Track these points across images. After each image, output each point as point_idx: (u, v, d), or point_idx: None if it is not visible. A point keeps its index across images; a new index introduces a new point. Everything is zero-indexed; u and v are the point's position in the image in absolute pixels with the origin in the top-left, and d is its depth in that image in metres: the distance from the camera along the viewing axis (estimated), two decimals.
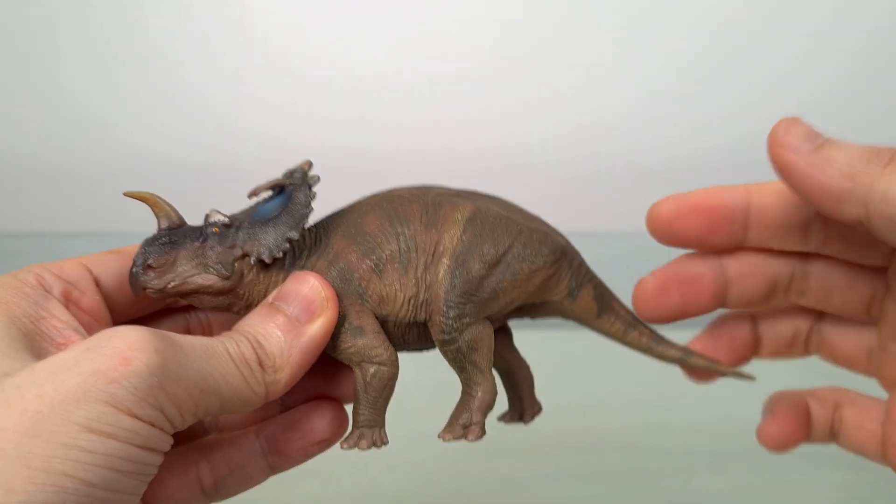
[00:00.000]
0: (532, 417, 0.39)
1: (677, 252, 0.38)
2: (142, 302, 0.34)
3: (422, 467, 0.56)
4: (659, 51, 0.86)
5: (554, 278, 0.36)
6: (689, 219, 0.36)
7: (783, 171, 0.31)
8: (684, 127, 0.88)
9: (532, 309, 0.38)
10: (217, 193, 0.37)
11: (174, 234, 0.33)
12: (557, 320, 0.39)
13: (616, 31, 0.86)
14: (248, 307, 0.34)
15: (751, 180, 0.91)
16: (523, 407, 0.39)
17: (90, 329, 0.31)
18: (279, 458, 0.36)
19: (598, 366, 0.38)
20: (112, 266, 0.34)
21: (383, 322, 0.34)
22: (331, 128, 0.86)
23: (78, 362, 0.25)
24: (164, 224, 0.34)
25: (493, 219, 0.35)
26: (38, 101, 0.86)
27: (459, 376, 0.35)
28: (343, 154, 0.85)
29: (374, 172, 0.86)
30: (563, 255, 0.36)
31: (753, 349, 0.39)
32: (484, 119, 0.88)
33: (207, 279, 0.33)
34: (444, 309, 0.34)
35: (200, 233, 0.33)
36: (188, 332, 0.36)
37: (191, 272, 0.33)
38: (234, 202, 0.38)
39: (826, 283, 0.37)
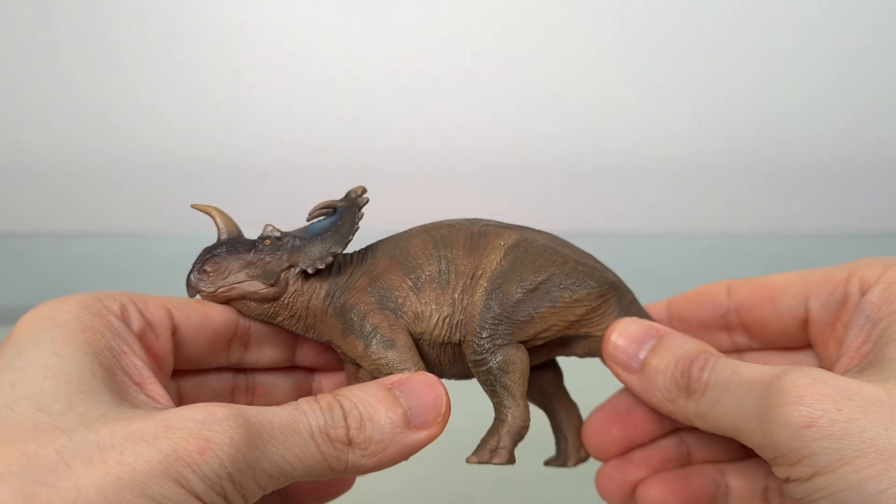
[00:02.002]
0: (576, 462, 0.39)
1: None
2: (205, 355, 0.35)
3: (422, 467, 0.56)
4: (659, 51, 0.86)
5: (599, 311, 0.36)
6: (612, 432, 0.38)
7: (621, 381, 0.35)
8: (684, 127, 0.88)
9: (577, 344, 0.37)
10: (217, 193, 0.37)
11: (231, 244, 0.36)
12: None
13: (616, 32, 0.86)
14: (292, 317, 0.36)
15: (749, 180, 0.91)
16: (568, 450, 0.39)
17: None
18: None
19: (598, 365, 0.38)
20: (193, 318, 0.34)
21: (418, 341, 0.35)
22: (331, 128, 0.86)
23: (157, 438, 0.26)
24: (224, 235, 0.36)
25: (538, 248, 0.36)
26: (38, 101, 0.86)
27: (492, 401, 0.35)
28: (343, 154, 0.85)
29: (374, 172, 0.86)
30: (611, 290, 0.36)
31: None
32: (484, 119, 0.88)
33: (254, 286, 0.35)
34: (478, 329, 0.34)
35: (254, 244, 0.36)
36: (233, 390, 0.37)
37: (240, 279, 0.35)
38: (234, 202, 0.38)
39: None
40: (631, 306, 0.37)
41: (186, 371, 0.36)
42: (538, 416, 0.39)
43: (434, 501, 0.54)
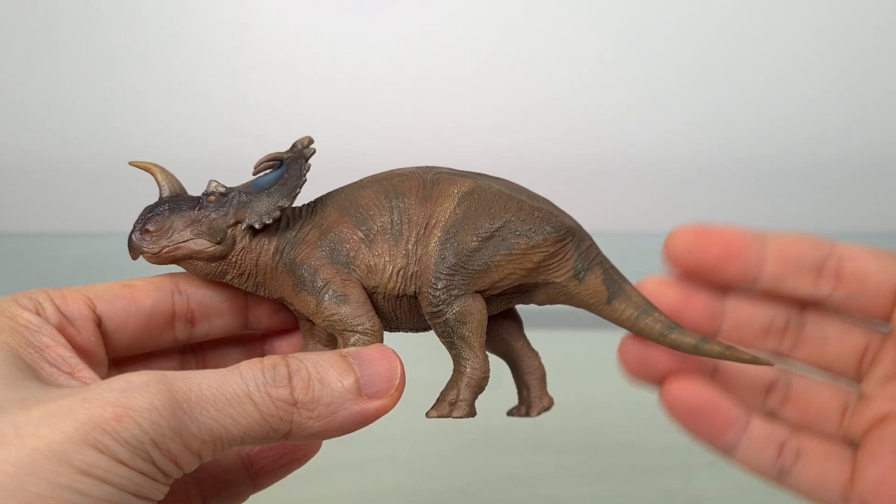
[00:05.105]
0: (539, 412, 0.38)
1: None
2: (143, 340, 0.34)
3: (423, 466, 0.56)
4: (659, 51, 0.86)
5: (557, 257, 0.35)
6: (707, 246, 0.36)
7: None
8: (685, 127, 0.88)
9: (536, 292, 0.36)
10: None
11: (173, 202, 0.34)
12: (558, 319, 0.38)
13: (616, 32, 0.86)
14: (241, 275, 0.34)
15: (750, 180, 0.91)
16: (530, 399, 0.38)
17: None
18: (262, 478, 0.36)
19: (599, 366, 0.38)
20: (118, 304, 0.33)
21: (373, 294, 0.34)
22: (330, 128, 0.86)
23: (72, 410, 0.25)
24: (166, 193, 0.35)
25: (492, 195, 0.35)
26: (38, 101, 0.86)
27: (450, 353, 0.35)
28: (342, 154, 0.85)
29: (374, 172, 0.86)
30: (568, 235, 0.35)
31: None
32: (484, 119, 0.88)
33: (200, 244, 0.34)
34: (433, 280, 0.33)
35: (198, 201, 0.34)
36: (182, 369, 0.35)
37: (185, 238, 0.34)
38: None
39: (823, 332, 0.37)
40: (589, 251, 0.36)
41: (131, 357, 0.35)
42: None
43: (435, 499, 0.54)
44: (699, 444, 0.37)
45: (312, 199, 0.36)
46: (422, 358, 0.42)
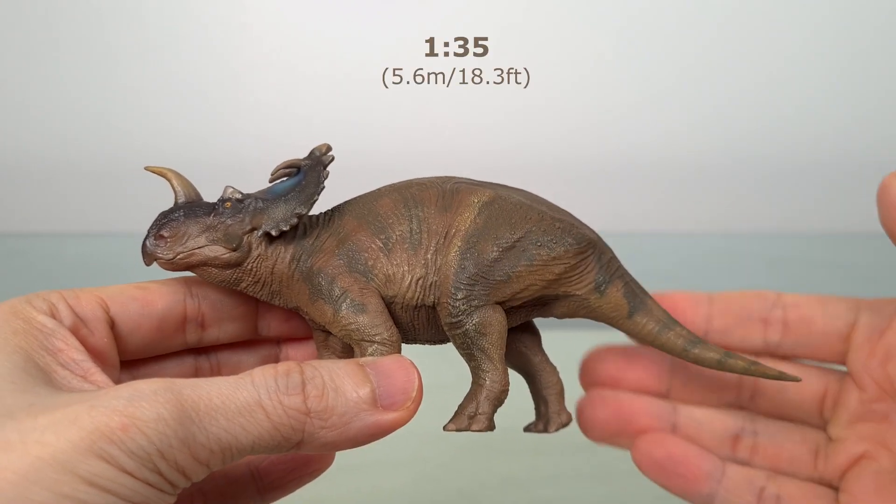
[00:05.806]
0: (558, 427, 0.37)
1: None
2: (154, 342, 0.34)
3: (423, 468, 0.56)
4: (659, 51, 0.86)
5: (578, 269, 0.35)
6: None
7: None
8: (685, 127, 0.88)
9: (556, 305, 0.36)
10: (217, 194, 0.37)
11: (189, 208, 0.34)
12: (557, 319, 0.38)
13: (616, 32, 0.86)
14: (257, 283, 0.34)
15: (750, 180, 0.91)
16: (549, 415, 0.38)
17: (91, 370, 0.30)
18: (271, 492, 0.36)
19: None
20: (131, 307, 0.33)
21: (391, 304, 0.34)
22: (330, 128, 0.86)
23: (78, 418, 0.25)
24: (181, 199, 0.34)
25: (513, 205, 0.34)
26: (38, 101, 0.86)
27: (469, 365, 0.34)
28: (342, 154, 0.85)
29: (374, 173, 0.86)
30: (590, 247, 0.35)
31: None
32: (484, 119, 0.88)
33: (215, 251, 0.33)
34: (452, 290, 0.33)
35: (213, 207, 0.34)
36: (196, 372, 0.36)
37: (200, 244, 0.33)
38: None
39: (780, 382, 0.37)
40: (610, 264, 0.36)
41: (144, 360, 0.34)
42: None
43: (435, 500, 0.54)
44: (678, 498, 0.37)
45: (329, 208, 0.36)
46: (425, 366, 0.42)
